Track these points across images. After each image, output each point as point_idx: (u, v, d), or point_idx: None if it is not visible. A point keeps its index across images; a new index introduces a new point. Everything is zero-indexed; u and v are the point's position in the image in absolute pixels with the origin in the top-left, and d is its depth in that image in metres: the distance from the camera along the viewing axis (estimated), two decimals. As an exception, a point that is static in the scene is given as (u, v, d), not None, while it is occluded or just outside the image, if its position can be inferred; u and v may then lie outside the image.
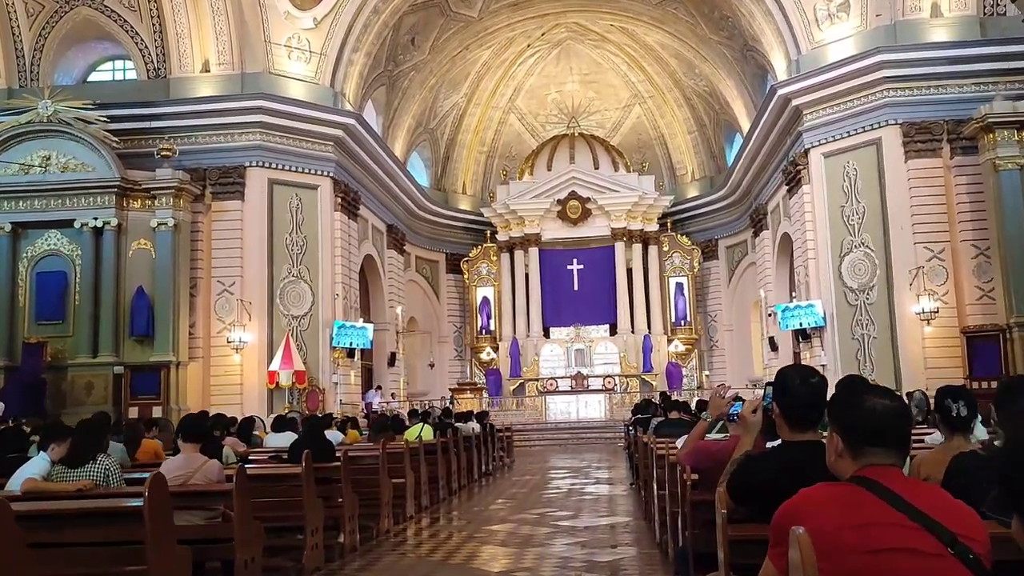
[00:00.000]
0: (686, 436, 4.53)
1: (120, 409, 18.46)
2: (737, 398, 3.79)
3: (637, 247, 31.05)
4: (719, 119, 30.85)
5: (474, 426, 14.05)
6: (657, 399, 15.51)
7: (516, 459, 18.63)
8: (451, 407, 14.28)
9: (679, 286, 31.40)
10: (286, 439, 9.41)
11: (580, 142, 32.32)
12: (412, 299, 30.65)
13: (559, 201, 30.96)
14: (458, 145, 33.39)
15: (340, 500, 7.11)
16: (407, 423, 12.21)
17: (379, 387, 25.25)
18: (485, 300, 32.06)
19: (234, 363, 20.36)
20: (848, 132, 20.28)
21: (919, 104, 19.33)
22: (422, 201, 30.21)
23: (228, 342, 20.19)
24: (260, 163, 21.22)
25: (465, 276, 32.29)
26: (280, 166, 21.51)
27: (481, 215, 32.28)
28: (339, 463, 7.17)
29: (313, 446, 6.93)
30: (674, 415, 9.26)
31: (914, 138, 19.27)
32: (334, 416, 15.14)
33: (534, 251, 31.21)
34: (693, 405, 12.36)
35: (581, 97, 33.65)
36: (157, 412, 18.55)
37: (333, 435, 9.97)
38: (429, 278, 32.23)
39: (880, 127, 19.73)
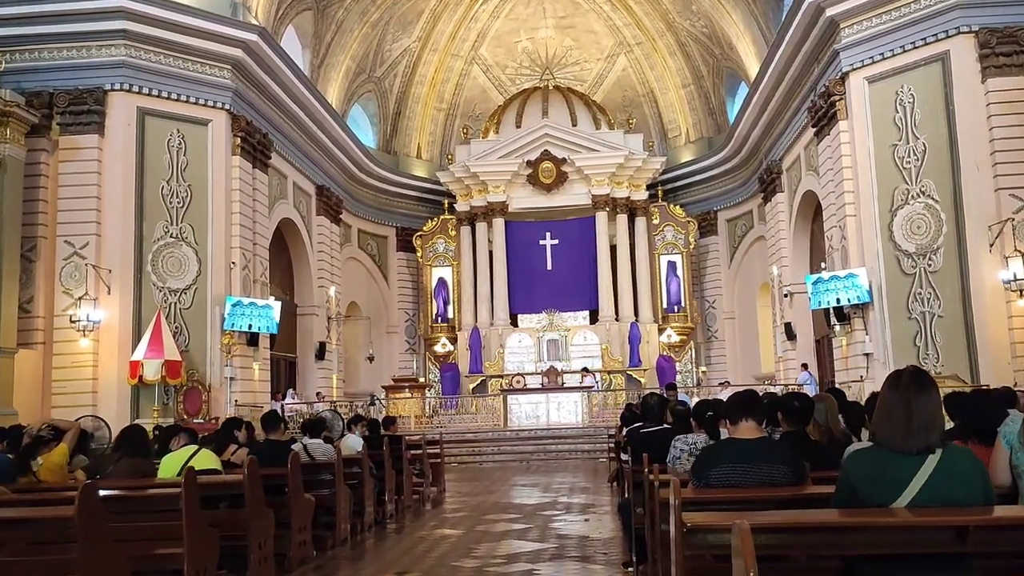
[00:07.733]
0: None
1: (-93, 413, 13.27)
2: None
3: (622, 219, 26.07)
4: (720, 68, 25.95)
5: (348, 442, 8.52)
6: (664, 392, 10.15)
7: (447, 488, 12.85)
8: (322, 411, 8.90)
9: (671, 265, 26.48)
10: None
11: (555, 96, 27.29)
12: (353, 280, 25.54)
13: (529, 163, 25.88)
14: (411, 99, 28.24)
15: None
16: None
17: (280, 393, 19.73)
18: (442, 282, 27.00)
19: (84, 350, 15.16)
20: (903, 47, 15.46)
21: (1001, 4, 14.57)
22: (365, 163, 25.09)
23: (73, 322, 14.98)
24: (126, 86, 16.05)
25: (419, 254, 27.19)
26: (154, 91, 16.34)
27: (438, 182, 27.16)
28: None
29: None
30: (746, 429, 3.71)
31: (995, 49, 14.50)
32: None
33: (500, 223, 26.12)
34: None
35: (557, 46, 28.63)
36: (-39, 417, 13.40)
37: None
38: (375, 256, 27.12)
39: (947, 37, 14.94)
